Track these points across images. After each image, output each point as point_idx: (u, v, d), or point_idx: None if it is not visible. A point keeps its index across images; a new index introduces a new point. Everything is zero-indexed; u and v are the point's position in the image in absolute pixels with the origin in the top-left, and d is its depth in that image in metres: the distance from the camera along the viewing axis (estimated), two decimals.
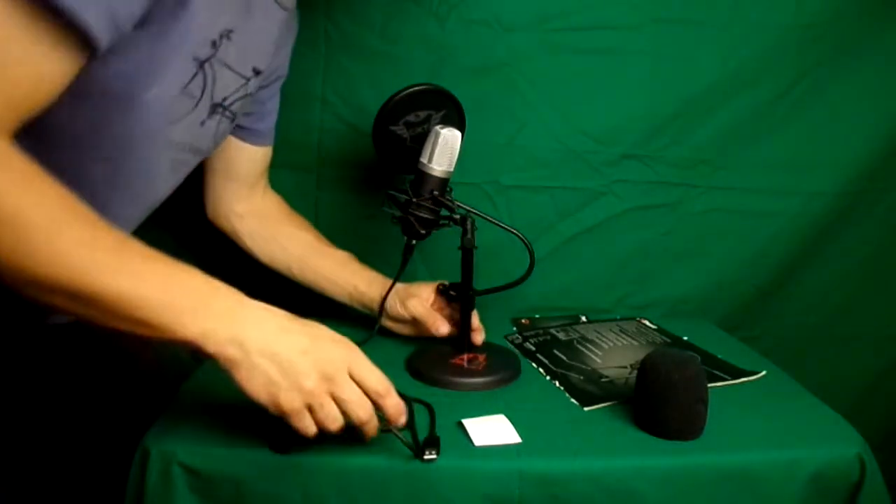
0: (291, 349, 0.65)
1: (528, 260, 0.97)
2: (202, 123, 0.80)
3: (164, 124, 0.74)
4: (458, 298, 1.00)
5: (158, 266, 0.63)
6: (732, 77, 1.21)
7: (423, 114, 1.00)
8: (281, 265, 1.09)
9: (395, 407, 0.69)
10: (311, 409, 0.66)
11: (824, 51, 1.21)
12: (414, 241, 0.98)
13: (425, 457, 0.71)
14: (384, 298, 1.04)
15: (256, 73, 0.85)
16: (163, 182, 0.84)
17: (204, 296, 0.64)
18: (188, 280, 0.64)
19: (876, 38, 1.22)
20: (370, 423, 0.68)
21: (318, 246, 1.10)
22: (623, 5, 1.17)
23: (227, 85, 0.80)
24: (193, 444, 0.72)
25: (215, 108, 0.80)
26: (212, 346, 0.63)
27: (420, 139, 0.99)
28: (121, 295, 0.60)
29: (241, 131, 1.01)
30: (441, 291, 1.03)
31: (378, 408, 0.69)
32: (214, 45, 0.73)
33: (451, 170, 0.96)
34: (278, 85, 1.04)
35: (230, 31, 0.74)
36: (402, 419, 0.70)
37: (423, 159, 0.95)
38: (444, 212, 0.98)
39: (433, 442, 0.73)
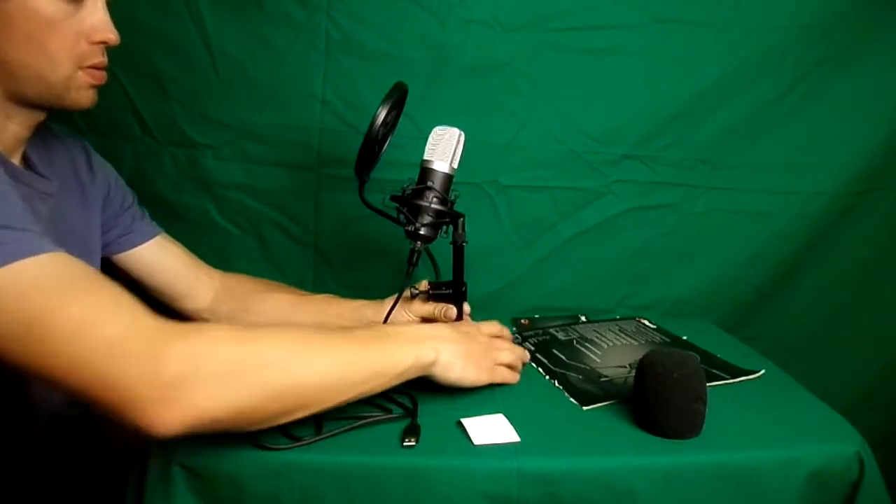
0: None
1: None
2: None
3: None
4: (450, 297, 0.99)
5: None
6: (732, 77, 1.22)
7: (393, 113, 0.97)
8: None
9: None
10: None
11: (824, 51, 1.22)
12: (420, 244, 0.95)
13: (404, 444, 0.74)
14: (394, 303, 1.00)
15: None
16: None
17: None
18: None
19: (875, 39, 1.22)
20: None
21: (294, 300, 1.07)
22: (623, 5, 1.18)
23: None
24: (193, 444, 0.72)
25: None
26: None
27: (382, 140, 0.97)
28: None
29: (123, 241, 0.98)
30: (412, 295, 1.03)
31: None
32: None
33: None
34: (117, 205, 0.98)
35: None
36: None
37: (443, 160, 0.93)
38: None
39: (413, 430, 0.76)
